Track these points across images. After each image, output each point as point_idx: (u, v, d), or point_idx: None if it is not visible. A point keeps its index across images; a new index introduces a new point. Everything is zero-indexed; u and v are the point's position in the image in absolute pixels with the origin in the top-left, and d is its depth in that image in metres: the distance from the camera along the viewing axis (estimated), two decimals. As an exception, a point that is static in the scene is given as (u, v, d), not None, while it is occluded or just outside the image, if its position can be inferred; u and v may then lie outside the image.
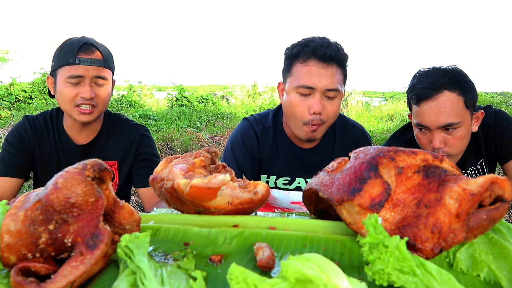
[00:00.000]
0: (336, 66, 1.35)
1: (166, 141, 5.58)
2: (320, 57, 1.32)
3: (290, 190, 1.56)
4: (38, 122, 1.54)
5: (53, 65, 1.46)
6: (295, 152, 1.53)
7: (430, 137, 1.40)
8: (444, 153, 1.39)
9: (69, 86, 1.41)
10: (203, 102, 10.58)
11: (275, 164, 1.53)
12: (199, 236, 0.62)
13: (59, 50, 1.44)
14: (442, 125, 1.35)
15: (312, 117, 1.35)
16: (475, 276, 0.52)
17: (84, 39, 1.44)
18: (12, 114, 7.45)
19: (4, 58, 11.38)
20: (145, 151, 1.59)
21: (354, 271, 0.53)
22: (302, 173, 1.54)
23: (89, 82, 1.42)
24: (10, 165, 1.50)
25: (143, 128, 1.64)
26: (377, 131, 7.06)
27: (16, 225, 0.50)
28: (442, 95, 1.34)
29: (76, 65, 1.39)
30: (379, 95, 18.40)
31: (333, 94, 1.35)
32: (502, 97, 11.37)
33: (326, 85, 1.32)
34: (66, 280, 0.46)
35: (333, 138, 1.56)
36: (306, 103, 1.35)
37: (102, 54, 1.44)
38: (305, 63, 1.34)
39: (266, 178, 1.55)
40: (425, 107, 1.37)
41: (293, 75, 1.38)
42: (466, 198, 0.52)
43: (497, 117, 1.52)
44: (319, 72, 1.32)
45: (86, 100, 1.41)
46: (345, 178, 0.59)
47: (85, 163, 0.53)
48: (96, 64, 1.42)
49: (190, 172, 0.67)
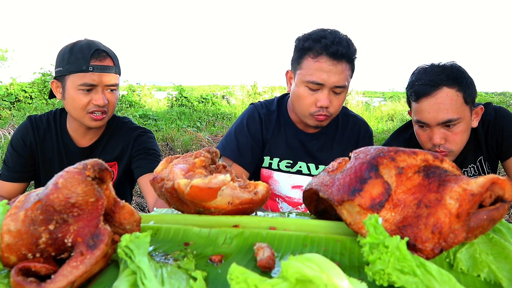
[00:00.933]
0: (346, 62, 1.40)
1: (166, 141, 5.58)
2: (331, 54, 1.36)
3: (291, 173, 1.60)
4: (41, 123, 1.54)
5: (60, 70, 1.43)
6: (298, 136, 1.59)
7: (430, 134, 1.40)
8: (445, 149, 1.39)
9: (81, 93, 1.40)
10: (203, 102, 10.59)
11: (279, 146, 1.58)
12: (199, 236, 0.62)
13: (68, 55, 1.41)
14: (441, 121, 1.35)
15: (318, 109, 1.42)
16: (475, 276, 0.52)
17: (95, 45, 1.42)
18: (12, 114, 7.45)
19: (4, 56, 11.38)
20: (141, 147, 1.58)
21: (355, 271, 0.53)
22: (303, 157, 1.59)
23: (102, 89, 1.42)
24: (13, 171, 1.51)
25: (141, 129, 1.63)
26: (377, 131, 7.07)
27: (16, 225, 0.50)
28: (441, 91, 1.35)
29: (90, 72, 1.38)
30: (379, 95, 18.39)
31: (340, 90, 1.42)
32: (502, 97, 11.37)
33: (335, 82, 1.38)
34: (66, 280, 0.46)
35: (335, 127, 1.63)
36: (314, 97, 1.41)
37: (113, 60, 1.44)
38: (316, 58, 1.38)
39: (269, 159, 1.59)
40: (424, 104, 1.37)
41: (303, 69, 1.42)
42: (466, 198, 0.52)
43: (497, 113, 1.52)
44: (330, 69, 1.37)
45: (99, 107, 1.41)
46: (345, 178, 0.59)
47: (85, 163, 0.53)
48: (109, 71, 1.42)
49: (191, 172, 0.67)
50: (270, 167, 1.59)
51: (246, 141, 1.54)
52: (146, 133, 1.63)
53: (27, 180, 1.55)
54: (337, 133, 1.62)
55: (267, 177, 1.60)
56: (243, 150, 1.52)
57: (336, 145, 1.61)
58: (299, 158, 1.59)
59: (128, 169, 1.61)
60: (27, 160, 1.52)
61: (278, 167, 1.59)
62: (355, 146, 1.62)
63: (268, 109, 1.61)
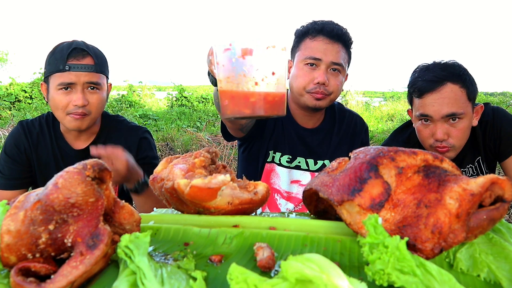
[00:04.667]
0: (342, 45, 1.47)
1: (166, 141, 5.58)
2: (328, 33, 1.45)
3: (291, 168, 1.63)
4: (33, 127, 1.50)
5: (45, 72, 1.42)
6: (297, 131, 1.62)
7: (433, 129, 1.39)
8: (447, 144, 1.39)
9: (60, 93, 1.37)
10: (203, 102, 10.59)
11: (280, 141, 1.61)
12: (199, 236, 0.62)
13: (50, 56, 1.40)
14: (445, 114, 1.35)
15: (316, 86, 1.45)
16: (475, 276, 0.52)
17: (75, 43, 1.39)
18: (12, 114, 7.45)
19: (4, 58, 11.38)
20: (145, 155, 1.56)
21: (354, 271, 0.53)
22: (302, 153, 1.63)
23: (81, 89, 1.37)
24: (10, 178, 1.48)
25: (141, 129, 1.61)
26: (377, 131, 7.07)
27: (16, 225, 0.50)
28: (445, 86, 1.35)
29: (67, 71, 1.35)
30: (379, 95, 18.40)
31: (337, 68, 1.47)
32: (502, 97, 11.37)
33: (331, 58, 1.44)
34: (66, 280, 0.46)
35: (333, 123, 1.68)
36: (311, 74, 1.46)
37: (94, 58, 1.39)
38: (313, 38, 1.47)
39: (273, 153, 1.62)
40: (428, 99, 1.37)
41: (300, 50, 1.49)
42: (466, 198, 0.52)
43: (495, 114, 1.52)
44: (326, 46, 1.45)
45: (79, 108, 1.37)
46: (345, 178, 0.59)
47: (85, 163, 0.53)
48: (87, 70, 1.37)
49: (190, 172, 0.67)
50: (273, 160, 1.63)
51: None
52: (147, 137, 1.60)
53: (25, 187, 1.51)
54: (334, 128, 1.67)
55: (269, 171, 1.63)
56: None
57: (334, 139, 1.65)
58: (298, 154, 1.62)
59: None
60: (23, 166, 1.49)
61: (279, 162, 1.62)
62: (351, 140, 1.68)
63: None
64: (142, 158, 1.55)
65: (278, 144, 1.61)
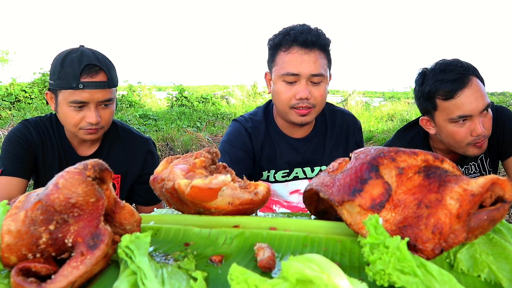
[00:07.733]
0: (319, 51, 1.38)
1: (166, 141, 5.58)
2: (302, 43, 1.35)
3: (288, 181, 1.57)
4: (40, 127, 1.47)
5: (52, 84, 1.36)
6: (289, 143, 1.54)
7: (471, 126, 1.37)
8: (484, 137, 1.40)
9: (72, 110, 1.33)
10: (203, 102, 10.58)
11: (272, 158, 1.54)
12: (200, 237, 0.62)
13: (59, 69, 1.33)
14: (482, 108, 1.35)
15: (298, 101, 1.37)
16: (475, 276, 0.52)
17: (86, 59, 1.32)
18: (12, 114, 7.45)
19: (5, 58, 11.41)
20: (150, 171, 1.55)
21: (355, 271, 0.53)
22: (298, 163, 1.56)
23: (94, 106, 1.34)
24: (18, 164, 1.40)
25: (148, 142, 1.59)
26: (377, 131, 7.07)
27: (16, 225, 0.50)
28: (473, 80, 1.36)
29: (80, 89, 1.30)
30: (379, 95, 18.39)
31: (318, 79, 1.38)
32: (502, 97, 11.37)
33: (310, 70, 1.35)
34: (67, 280, 0.46)
35: (324, 127, 1.59)
36: (292, 90, 1.37)
37: (106, 73, 1.35)
38: (287, 51, 1.37)
39: (267, 173, 1.55)
40: (462, 97, 1.35)
41: (277, 64, 1.40)
42: (467, 198, 0.52)
43: (498, 112, 1.52)
44: (302, 58, 1.35)
45: (92, 125, 1.35)
46: (345, 179, 0.59)
47: (85, 163, 0.53)
48: (101, 87, 1.33)
49: (191, 173, 0.67)
50: (268, 179, 1.56)
51: (237, 153, 1.48)
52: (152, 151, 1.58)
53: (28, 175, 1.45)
54: (327, 132, 1.59)
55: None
56: (235, 163, 1.45)
57: (328, 143, 1.58)
58: (294, 165, 1.55)
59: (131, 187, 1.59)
60: (30, 155, 1.43)
61: (274, 179, 1.56)
62: (345, 141, 1.61)
63: (253, 121, 1.54)
64: (146, 174, 1.54)
65: (270, 162, 1.53)
